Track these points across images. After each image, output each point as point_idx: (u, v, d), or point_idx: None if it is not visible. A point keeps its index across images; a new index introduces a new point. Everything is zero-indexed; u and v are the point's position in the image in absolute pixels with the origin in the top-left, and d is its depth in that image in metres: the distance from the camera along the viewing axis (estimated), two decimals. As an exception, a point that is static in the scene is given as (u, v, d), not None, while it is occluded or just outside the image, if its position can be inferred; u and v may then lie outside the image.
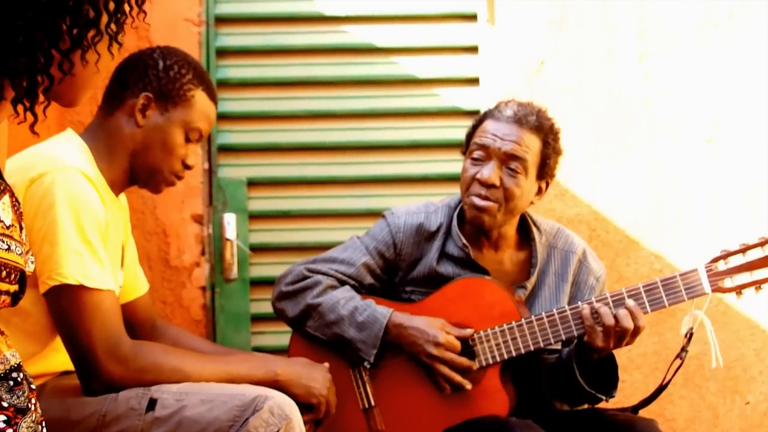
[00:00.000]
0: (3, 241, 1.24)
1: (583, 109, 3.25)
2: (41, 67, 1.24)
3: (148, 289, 2.41)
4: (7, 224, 1.26)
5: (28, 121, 1.27)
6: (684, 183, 3.25)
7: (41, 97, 1.27)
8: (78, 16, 1.25)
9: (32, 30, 1.21)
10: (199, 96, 2.15)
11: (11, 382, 1.31)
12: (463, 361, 2.35)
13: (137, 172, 2.14)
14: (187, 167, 2.18)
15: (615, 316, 2.24)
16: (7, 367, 1.32)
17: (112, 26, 1.30)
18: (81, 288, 1.90)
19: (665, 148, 3.26)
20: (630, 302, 2.25)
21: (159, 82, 2.12)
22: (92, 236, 1.92)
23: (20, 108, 1.26)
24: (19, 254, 1.28)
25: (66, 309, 1.91)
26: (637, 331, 2.25)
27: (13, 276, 1.26)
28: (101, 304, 1.92)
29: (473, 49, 3.29)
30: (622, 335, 2.25)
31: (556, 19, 3.27)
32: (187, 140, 2.14)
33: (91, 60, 1.30)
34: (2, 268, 1.24)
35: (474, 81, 3.28)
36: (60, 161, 1.94)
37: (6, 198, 1.28)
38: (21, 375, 1.33)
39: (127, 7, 1.32)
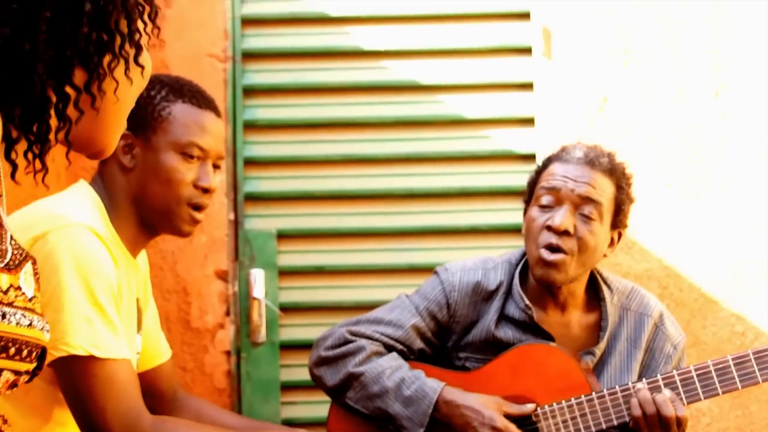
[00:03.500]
0: (25, 316, 1.18)
1: (652, 152, 3.23)
2: (52, 107, 1.19)
3: (171, 356, 2.37)
4: (30, 296, 1.20)
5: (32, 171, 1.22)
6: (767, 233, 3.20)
7: (53, 142, 1.22)
8: (88, 41, 1.21)
9: (33, 63, 1.16)
10: (178, 109, 2.08)
11: None
12: None
13: (149, 219, 2.09)
14: (205, 191, 2.10)
15: (654, 401, 2.25)
16: None
17: (127, 48, 1.25)
18: (91, 359, 1.86)
19: (746, 195, 3.21)
20: (666, 392, 2.26)
21: (132, 115, 2.07)
22: (103, 300, 1.88)
23: (29, 154, 1.21)
24: (41, 329, 1.22)
25: (76, 383, 1.87)
26: (681, 421, 2.24)
27: (33, 354, 1.20)
28: (116, 376, 1.88)
29: (528, 86, 3.29)
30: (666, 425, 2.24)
31: (620, 51, 3.25)
32: (190, 158, 2.07)
33: (109, 90, 1.26)
34: (23, 347, 1.18)
35: (529, 121, 3.28)
36: (66, 218, 1.91)
37: (28, 266, 1.22)
38: None
39: (140, 24, 1.27)
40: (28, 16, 1.17)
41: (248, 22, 3.29)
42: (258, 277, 3.18)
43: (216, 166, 2.12)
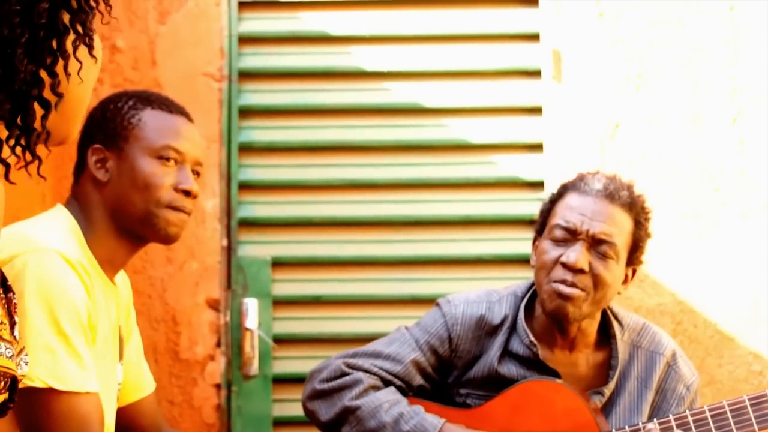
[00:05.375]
0: None
1: (666, 181, 3.22)
2: (34, 91, 1.22)
3: (155, 389, 2.35)
4: None
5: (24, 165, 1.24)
6: (786, 268, 3.20)
7: (39, 129, 1.24)
8: (54, 23, 1.24)
9: (13, 48, 1.19)
10: (147, 115, 2.09)
11: None
12: None
13: (130, 229, 2.07)
14: (186, 193, 2.09)
15: None
16: None
17: (89, 25, 1.29)
18: (51, 391, 1.82)
19: (764, 226, 3.21)
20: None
21: (101, 128, 2.10)
22: (68, 329, 1.85)
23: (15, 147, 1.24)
24: (10, 357, 1.21)
25: (34, 417, 1.83)
26: None
27: (2, 384, 1.19)
28: (76, 411, 1.84)
29: (537, 110, 3.29)
30: None
31: (633, 75, 3.26)
32: (166, 161, 2.07)
33: (74, 72, 1.29)
34: None
35: (537, 147, 3.28)
36: (36, 242, 1.90)
37: None
38: None
39: (93, 2, 1.31)
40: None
41: (245, 40, 3.30)
42: (251, 307, 3.17)
43: (195, 172, 2.12)
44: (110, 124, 2.08)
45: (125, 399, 2.22)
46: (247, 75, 3.30)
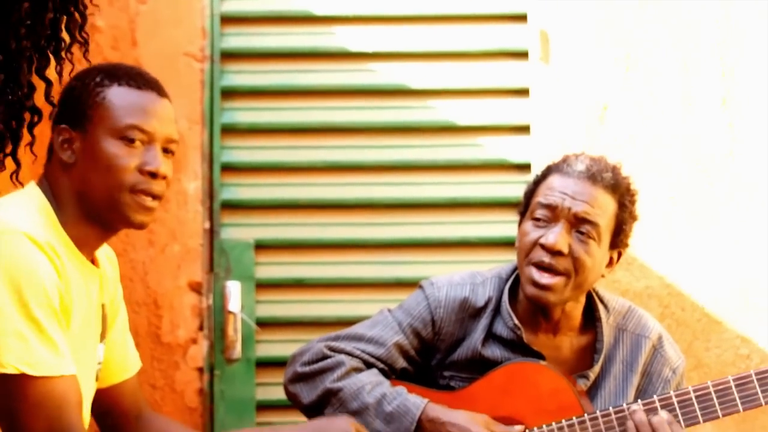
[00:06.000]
0: None
1: (654, 163, 3.24)
2: (29, 102, 1.22)
3: (139, 370, 2.32)
4: None
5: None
6: (776, 252, 3.21)
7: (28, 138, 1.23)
8: (56, 33, 1.23)
9: (19, 62, 1.19)
10: (113, 92, 2.01)
11: None
12: None
13: (97, 214, 2.02)
14: (153, 175, 2.02)
15: (650, 423, 2.23)
16: None
17: (77, 34, 1.27)
18: (23, 377, 1.81)
19: (753, 209, 3.22)
20: (663, 414, 2.24)
21: (67, 107, 2.02)
22: (39, 313, 1.83)
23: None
24: None
25: (6, 403, 1.82)
26: None
27: None
28: (49, 395, 1.83)
29: (524, 92, 3.30)
30: None
31: (621, 56, 3.26)
32: (131, 142, 1.99)
33: (66, 73, 1.28)
34: None
35: (524, 129, 3.28)
36: (1, 224, 1.87)
37: None
38: None
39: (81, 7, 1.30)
40: (6, 8, 1.18)
41: (228, 20, 3.30)
42: (234, 290, 3.18)
43: (167, 151, 2.05)
44: (75, 103, 2.00)
45: (108, 380, 2.20)
46: (229, 55, 3.29)
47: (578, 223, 2.32)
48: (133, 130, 1.99)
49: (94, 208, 2.00)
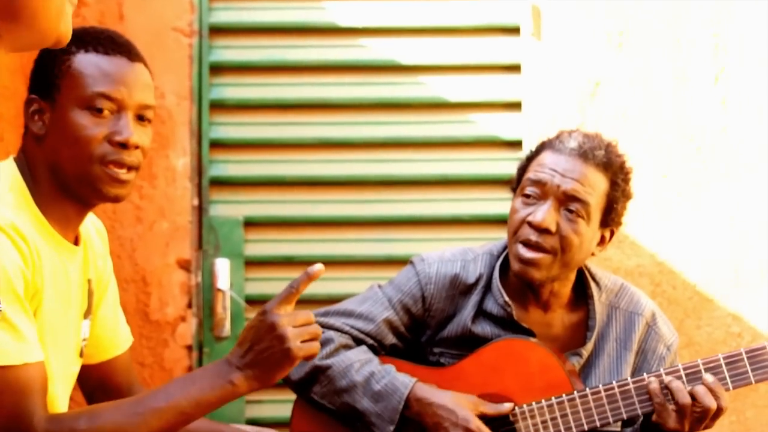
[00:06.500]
0: None
1: (646, 140, 3.24)
2: None
3: (130, 346, 2.31)
4: None
5: None
6: (768, 230, 3.22)
7: None
8: None
9: None
10: (79, 59, 1.95)
11: None
12: None
13: (70, 188, 1.96)
14: (123, 145, 1.95)
15: (691, 393, 2.23)
16: None
17: None
18: None
19: (746, 187, 3.23)
20: (708, 377, 2.24)
21: (36, 77, 1.98)
22: None
23: None
24: None
25: None
26: (719, 412, 2.23)
27: None
28: (12, 384, 1.79)
29: (515, 68, 3.30)
30: (701, 417, 2.23)
31: (614, 32, 3.26)
32: (98, 112, 1.93)
33: None
34: None
35: (516, 105, 3.29)
36: None
37: None
38: None
39: None
40: None
41: (216, -6, 3.28)
42: (223, 267, 3.18)
43: (142, 118, 1.99)
44: (44, 72, 1.96)
45: (99, 356, 2.19)
46: (218, 30, 3.28)
47: (567, 201, 2.32)
48: (100, 99, 1.93)
49: (67, 181, 1.95)
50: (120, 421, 1.86)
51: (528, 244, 2.32)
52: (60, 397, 1.99)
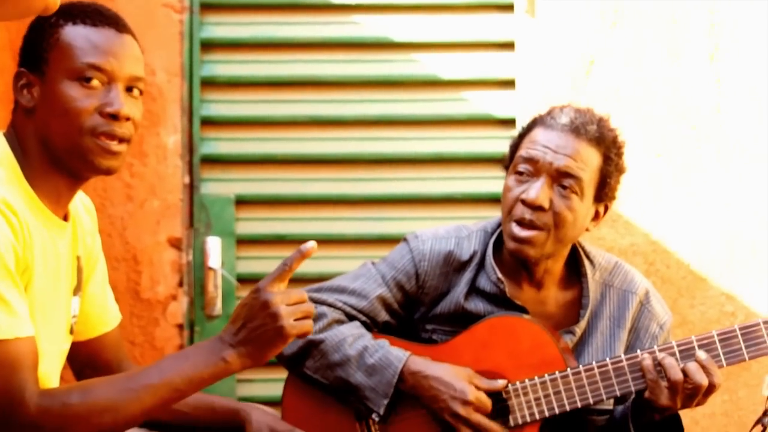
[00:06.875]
0: None
1: (640, 119, 3.24)
2: None
3: (119, 323, 2.31)
4: None
5: None
6: (762, 209, 3.22)
7: None
8: None
9: None
10: (67, 31, 1.95)
11: None
12: (495, 427, 2.30)
13: (61, 161, 1.95)
14: (113, 117, 1.94)
15: (683, 370, 2.22)
16: None
17: None
18: None
19: (740, 167, 3.23)
20: (701, 354, 2.24)
21: (25, 51, 1.98)
22: None
23: None
24: None
25: None
26: (711, 389, 2.23)
27: None
28: (4, 357, 1.79)
29: (509, 46, 3.29)
30: (692, 393, 2.23)
31: (609, 10, 3.26)
32: (87, 82, 1.93)
33: None
34: None
35: (509, 83, 3.29)
36: None
37: None
38: None
39: None
40: None
41: (208, -31, 3.27)
42: (214, 246, 3.18)
43: (134, 90, 1.99)
44: (32, 46, 1.96)
45: (88, 332, 2.19)
46: (209, 6, 3.27)
47: (560, 178, 2.32)
48: (90, 70, 1.93)
49: (58, 154, 1.95)
50: (113, 397, 1.86)
51: (522, 222, 2.32)
52: (51, 374, 1.99)
